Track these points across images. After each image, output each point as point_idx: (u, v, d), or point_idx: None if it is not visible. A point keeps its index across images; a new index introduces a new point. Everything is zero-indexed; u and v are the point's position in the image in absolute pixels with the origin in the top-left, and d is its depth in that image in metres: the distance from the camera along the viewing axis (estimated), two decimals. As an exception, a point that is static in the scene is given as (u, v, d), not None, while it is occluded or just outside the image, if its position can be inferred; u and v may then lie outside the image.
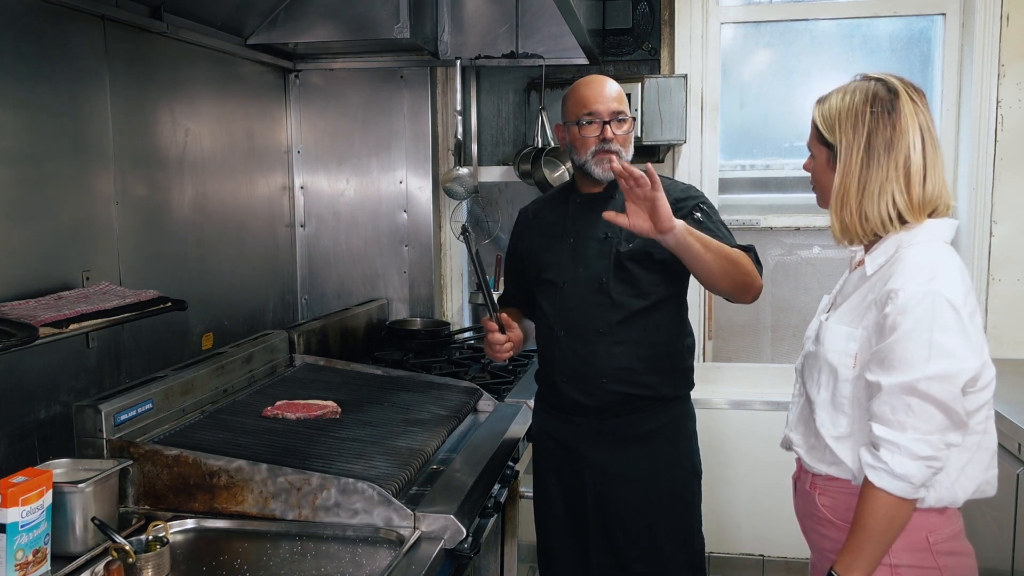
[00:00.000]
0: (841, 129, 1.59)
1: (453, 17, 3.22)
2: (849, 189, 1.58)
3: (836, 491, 1.65)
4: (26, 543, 1.46)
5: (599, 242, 2.16)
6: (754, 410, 3.31)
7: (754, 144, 3.57)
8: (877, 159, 1.56)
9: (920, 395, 1.46)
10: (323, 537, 1.68)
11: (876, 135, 1.56)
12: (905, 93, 1.58)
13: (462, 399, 2.43)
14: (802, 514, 1.77)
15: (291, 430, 2.05)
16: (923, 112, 1.58)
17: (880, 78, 1.62)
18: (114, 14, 2.27)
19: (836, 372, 1.60)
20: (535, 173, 3.26)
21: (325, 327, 2.89)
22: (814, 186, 1.73)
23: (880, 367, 1.51)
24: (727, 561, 3.40)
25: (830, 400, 1.63)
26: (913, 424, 1.47)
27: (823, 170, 1.66)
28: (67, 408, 2.00)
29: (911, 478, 1.47)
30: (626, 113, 2.15)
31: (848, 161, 1.58)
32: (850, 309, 1.63)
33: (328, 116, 3.37)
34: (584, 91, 2.15)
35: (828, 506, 1.66)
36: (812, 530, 1.73)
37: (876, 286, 1.58)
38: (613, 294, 2.13)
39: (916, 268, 1.52)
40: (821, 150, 1.65)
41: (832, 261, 3.50)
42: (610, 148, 2.11)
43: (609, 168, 2.08)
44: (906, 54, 3.40)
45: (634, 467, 2.18)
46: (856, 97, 1.59)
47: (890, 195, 1.56)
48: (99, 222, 2.25)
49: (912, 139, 1.56)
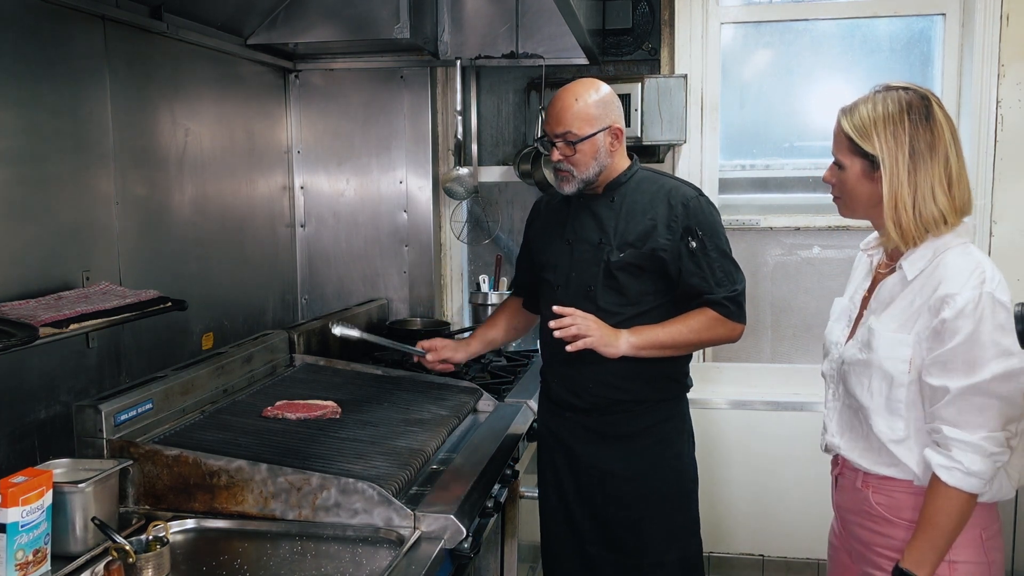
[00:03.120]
0: (880, 138, 1.62)
1: (453, 17, 3.22)
2: (902, 196, 1.61)
3: (893, 490, 1.68)
4: (26, 543, 1.46)
5: (592, 247, 2.17)
6: (754, 410, 3.31)
7: (754, 144, 3.57)
8: (923, 164, 1.60)
9: (987, 395, 1.53)
10: (323, 537, 1.68)
11: (917, 141, 1.60)
12: (934, 101, 1.64)
13: (462, 399, 2.43)
14: (848, 509, 1.78)
15: (291, 430, 2.05)
16: (949, 118, 1.64)
17: (907, 87, 1.66)
18: (114, 14, 2.27)
19: (892, 378, 1.63)
20: (535, 173, 3.26)
21: (325, 327, 2.89)
22: (839, 196, 1.74)
23: (944, 371, 1.56)
24: (726, 561, 3.40)
25: (885, 405, 1.65)
26: (982, 423, 1.53)
27: (858, 180, 1.68)
28: (67, 408, 2.00)
29: (983, 475, 1.53)
30: (575, 134, 2.10)
31: (895, 169, 1.61)
32: (896, 315, 1.65)
33: (328, 116, 3.37)
34: (549, 107, 2.16)
35: (884, 504, 1.69)
36: (859, 525, 1.75)
37: (923, 291, 1.61)
38: (601, 302, 2.14)
39: (965, 272, 1.57)
40: (855, 160, 1.67)
41: (832, 261, 3.50)
42: (559, 167, 2.15)
43: (562, 186, 2.18)
44: (906, 54, 3.39)
45: (622, 464, 2.20)
46: (890, 106, 1.63)
47: (938, 198, 1.60)
48: (99, 222, 2.25)
49: (948, 143, 1.61)
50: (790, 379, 3.44)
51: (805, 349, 3.55)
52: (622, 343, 2.06)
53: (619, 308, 2.14)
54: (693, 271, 2.11)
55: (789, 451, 3.25)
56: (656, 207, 2.14)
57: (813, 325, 3.52)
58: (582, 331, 2.03)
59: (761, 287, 3.54)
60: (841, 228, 3.43)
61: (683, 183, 2.22)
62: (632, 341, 2.07)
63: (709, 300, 2.11)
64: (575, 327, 2.04)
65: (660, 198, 2.14)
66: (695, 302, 2.13)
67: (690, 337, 2.11)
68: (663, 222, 2.12)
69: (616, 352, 2.06)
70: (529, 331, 2.57)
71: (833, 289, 3.46)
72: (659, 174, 2.24)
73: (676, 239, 2.10)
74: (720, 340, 2.17)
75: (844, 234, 3.45)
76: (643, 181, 2.19)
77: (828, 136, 1.74)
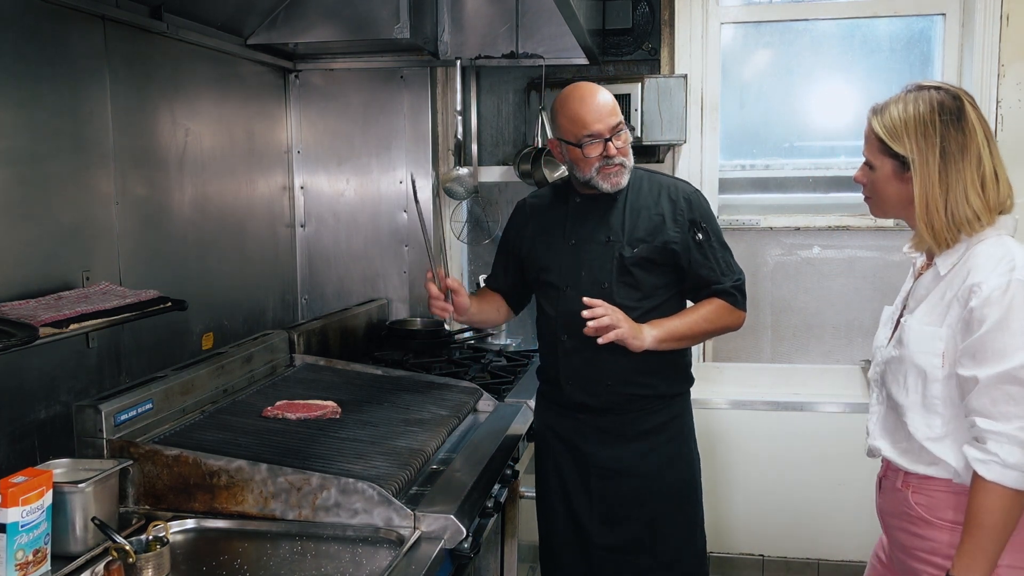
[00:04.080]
0: (912, 139, 1.60)
1: (453, 17, 3.22)
2: (933, 197, 1.60)
3: (932, 489, 1.64)
4: (26, 543, 1.46)
5: (601, 246, 2.17)
6: (754, 410, 3.31)
7: (754, 144, 3.57)
8: (955, 165, 1.58)
9: (1019, 383, 1.48)
10: (323, 537, 1.68)
11: (949, 142, 1.59)
12: (967, 100, 1.62)
13: (462, 399, 2.43)
14: (889, 512, 1.75)
15: (291, 430, 2.05)
16: (983, 117, 1.62)
17: (940, 86, 1.64)
18: (114, 14, 2.27)
19: (925, 373, 1.61)
20: (535, 173, 3.26)
21: (325, 327, 2.89)
22: (870, 196, 1.73)
23: (973, 361, 1.53)
24: (727, 561, 3.40)
25: (921, 402, 1.63)
26: (1016, 412, 1.49)
27: (888, 181, 1.66)
28: (67, 408, 2.00)
29: (1022, 466, 1.48)
30: (623, 123, 2.12)
31: (925, 171, 1.59)
32: (929, 309, 1.64)
33: (328, 116, 3.37)
34: (578, 109, 2.09)
35: (923, 504, 1.65)
36: (900, 528, 1.71)
37: (953, 283, 1.60)
38: (616, 297, 2.15)
39: (994, 260, 1.55)
40: (885, 161, 1.65)
41: (832, 261, 3.50)
42: (614, 163, 2.11)
43: (617, 181, 2.13)
44: (906, 54, 3.39)
45: (637, 463, 2.21)
46: (921, 107, 1.61)
47: (968, 199, 1.58)
48: (99, 222, 2.25)
49: (980, 143, 1.59)
50: (790, 379, 3.44)
51: (805, 349, 3.55)
52: (647, 336, 2.09)
53: (636, 303, 2.16)
54: (702, 262, 2.16)
55: (789, 451, 3.25)
56: (660, 203, 2.18)
57: (813, 325, 3.52)
58: (614, 323, 2.03)
59: (761, 287, 3.54)
60: (841, 228, 3.43)
61: (678, 180, 2.28)
62: (654, 334, 2.10)
63: (717, 290, 2.18)
64: (607, 318, 2.03)
65: (662, 194, 2.19)
66: (703, 292, 2.20)
67: (705, 327, 2.17)
68: (669, 216, 2.16)
69: (643, 344, 2.07)
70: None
71: (833, 289, 3.47)
72: (653, 172, 2.28)
73: (684, 232, 2.16)
74: (727, 328, 2.23)
75: (844, 234, 3.45)
76: (641, 180, 2.22)
77: (828, 136, 1.75)
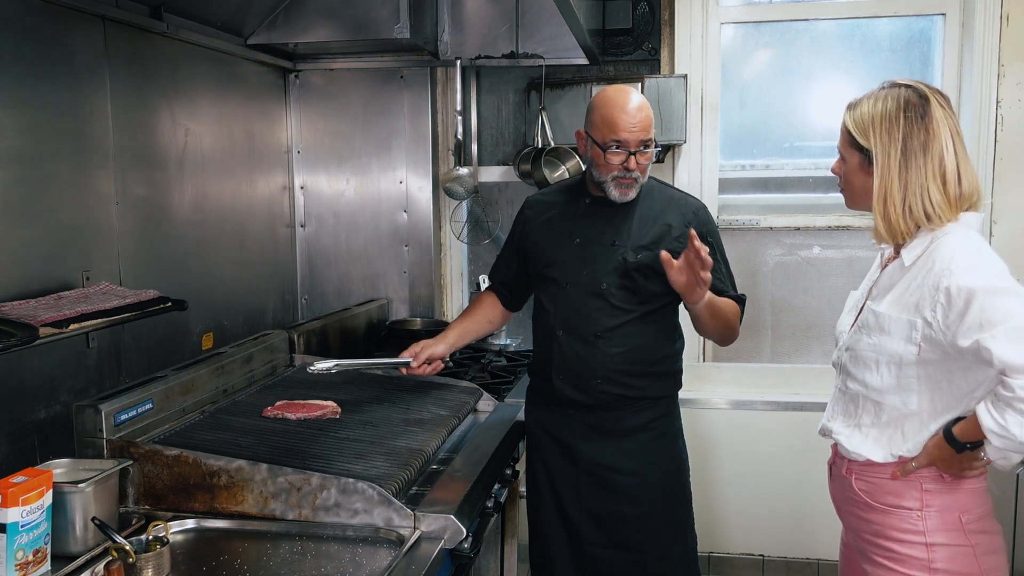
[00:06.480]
0: (876, 134, 1.67)
1: (453, 17, 3.22)
2: (890, 190, 1.66)
3: (872, 476, 1.73)
4: (26, 543, 1.46)
5: (606, 248, 2.19)
6: (754, 410, 3.31)
7: (754, 144, 3.57)
8: (914, 161, 1.64)
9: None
10: (323, 537, 1.68)
11: (911, 139, 1.65)
12: (935, 99, 1.67)
13: (462, 399, 2.43)
14: (839, 498, 1.86)
15: (291, 430, 2.05)
16: (951, 116, 1.68)
17: (910, 84, 1.70)
18: (114, 14, 2.27)
19: (900, 358, 1.66)
20: (535, 173, 3.26)
21: (325, 327, 2.89)
22: (843, 188, 1.81)
23: (980, 331, 1.52)
24: (726, 561, 3.40)
25: (896, 384, 1.68)
26: None
27: (855, 173, 1.74)
28: (67, 408, 2.00)
29: None
30: (652, 141, 2.14)
31: (885, 164, 1.66)
32: (896, 299, 1.69)
33: (328, 116, 3.37)
34: (617, 115, 2.09)
35: (864, 490, 1.75)
36: (849, 512, 1.82)
37: (919, 275, 1.64)
38: (614, 300, 2.17)
39: (959, 252, 1.60)
40: (853, 154, 1.73)
41: (832, 261, 3.50)
42: (630, 176, 2.14)
43: (627, 194, 2.16)
44: (906, 54, 3.39)
45: (623, 460, 2.23)
46: (888, 103, 1.67)
47: (929, 194, 1.64)
48: (99, 222, 2.25)
49: (944, 141, 1.64)
50: (790, 379, 3.44)
51: (805, 349, 3.55)
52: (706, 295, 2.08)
53: (632, 306, 2.18)
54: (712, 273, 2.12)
55: (789, 451, 3.26)
56: (668, 214, 2.21)
57: (813, 325, 3.52)
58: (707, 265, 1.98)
59: (761, 287, 3.54)
60: (841, 228, 3.43)
61: (688, 194, 2.33)
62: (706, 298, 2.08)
63: (730, 297, 2.22)
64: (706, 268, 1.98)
65: (671, 207, 2.23)
66: None
67: (728, 315, 2.18)
68: (677, 228, 2.19)
69: (701, 298, 2.05)
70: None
71: (833, 289, 3.47)
72: (664, 184, 2.33)
73: None
74: (731, 330, 2.22)
75: (844, 234, 3.45)
76: (652, 189, 2.25)
77: (828, 136, 1.79)
